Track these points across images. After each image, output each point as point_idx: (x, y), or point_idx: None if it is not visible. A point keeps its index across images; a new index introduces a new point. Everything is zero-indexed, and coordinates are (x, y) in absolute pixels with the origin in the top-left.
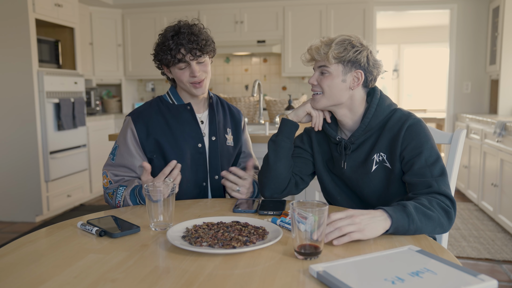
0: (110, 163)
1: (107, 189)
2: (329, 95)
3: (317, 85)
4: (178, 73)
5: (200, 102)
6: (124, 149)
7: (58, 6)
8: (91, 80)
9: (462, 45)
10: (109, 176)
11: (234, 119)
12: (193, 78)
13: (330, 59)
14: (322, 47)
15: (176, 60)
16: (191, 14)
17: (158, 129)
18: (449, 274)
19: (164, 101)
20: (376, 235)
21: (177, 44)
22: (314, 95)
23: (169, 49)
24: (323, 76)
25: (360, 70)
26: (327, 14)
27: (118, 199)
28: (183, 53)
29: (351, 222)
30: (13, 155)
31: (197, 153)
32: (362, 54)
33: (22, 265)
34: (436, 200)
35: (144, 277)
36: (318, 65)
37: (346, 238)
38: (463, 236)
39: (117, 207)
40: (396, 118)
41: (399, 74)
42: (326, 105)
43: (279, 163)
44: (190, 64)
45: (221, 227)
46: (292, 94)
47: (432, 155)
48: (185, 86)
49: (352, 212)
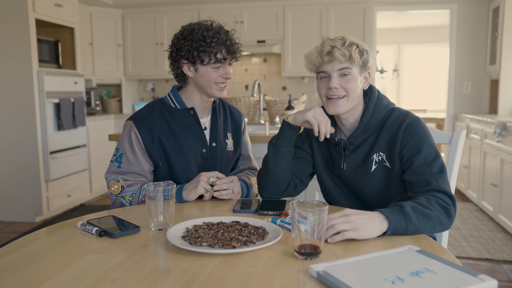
0: (116, 170)
1: (122, 193)
2: (352, 98)
3: (339, 89)
4: (210, 72)
5: (206, 107)
6: (131, 156)
7: (58, 6)
8: (91, 80)
9: (462, 45)
10: (121, 181)
11: (235, 122)
12: (224, 79)
13: (355, 61)
14: (343, 49)
15: (215, 59)
16: (191, 14)
17: (162, 134)
18: (449, 274)
19: (166, 104)
20: (372, 236)
21: (218, 44)
22: (336, 100)
23: (208, 45)
24: (345, 78)
25: (369, 70)
26: (327, 14)
27: (144, 194)
28: (224, 54)
29: (346, 221)
30: (13, 155)
31: (201, 159)
32: (369, 55)
33: (22, 265)
34: (435, 198)
35: (144, 277)
36: (339, 67)
37: (339, 236)
38: (463, 236)
39: (140, 202)
40: (395, 117)
41: (399, 74)
42: (348, 109)
43: (279, 168)
44: (224, 66)
45: (221, 227)
46: (292, 94)
47: (431, 153)
48: (209, 86)
49: (349, 211)
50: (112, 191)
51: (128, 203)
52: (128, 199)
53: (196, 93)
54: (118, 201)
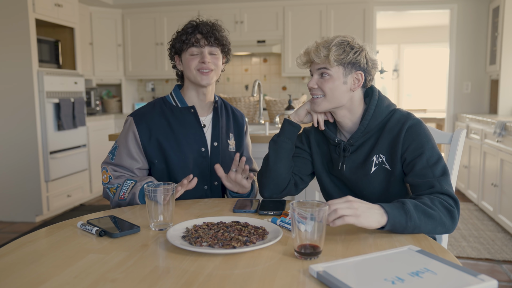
0: (109, 161)
1: (108, 184)
2: (330, 98)
3: (317, 89)
4: (188, 59)
5: (205, 105)
6: (124, 150)
7: (58, 6)
8: (91, 80)
9: (462, 45)
10: (109, 171)
11: (238, 124)
12: (202, 65)
13: (331, 62)
14: (321, 50)
15: (190, 43)
16: (191, 14)
17: (160, 132)
18: (449, 274)
19: (167, 102)
20: (370, 226)
21: (195, 28)
22: (315, 99)
23: (185, 33)
24: (323, 79)
25: (360, 71)
26: (327, 14)
27: (124, 191)
28: (198, 38)
29: (349, 206)
30: (13, 155)
31: (200, 157)
32: (361, 55)
33: (22, 265)
34: (438, 199)
35: (144, 277)
36: (317, 67)
37: (340, 220)
38: (463, 236)
39: (120, 199)
40: (396, 119)
41: (399, 74)
42: (327, 108)
43: (279, 164)
44: (202, 52)
45: (221, 227)
46: (292, 94)
47: (434, 155)
48: (192, 75)
49: (352, 198)
50: (103, 180)
51: (112, 195)
52: (113, 191)
53: (191, 87)
54: (105, 190)
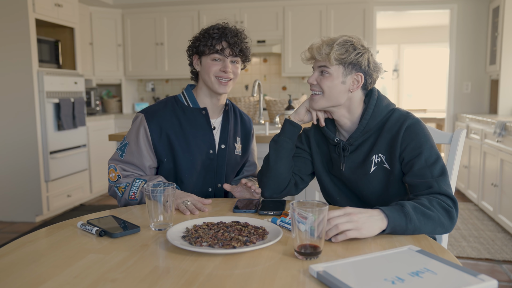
0: (119, 158)
1: (117, 183)
2: (328, 96)
3: (316, 85)
4: (209, 64)
5: (217, 108)
6: (134, 147)
7: (58, 6)
8: (91, 80)
9: (462, 45)
10: (118, 170)
11: (245, 128)
12: (223, 73)
13: (331, 60)
14: (324, 47)
15: (214, 49)
16: (191, 14)
17: (171, 130)
18: (449, 274)
19: (179, 102)
20: (373, 235)
21: (221, 35)
22: (313, 95)
23: (211, 37)
24: (323, 76)
25: (361, 73)
26: (327, 14)
27: (134, 191)
28: (223, 46)
29: (349, 220)
30: (13, 155)
31: (207, 159)
32: (363, 57)
33: (22, 265)
34: (436, 199)
35: (144, 277)
36: (318, 64)
37: (342, 236)
38: (463, 236)
39: (130, 199)
40: (395, 118)
41: (399, 74)
42: (324, 106)
43: (280, 163)
44: (224, 60)
45: (221, 227)
46: (292, 94)
47: (432, 155)
48: (209, 80)
49: (350, 210)
50: (110, 178)
51: (120, 194)
52: (121, 190)
53: (205, 89)
54: (113, 189)
